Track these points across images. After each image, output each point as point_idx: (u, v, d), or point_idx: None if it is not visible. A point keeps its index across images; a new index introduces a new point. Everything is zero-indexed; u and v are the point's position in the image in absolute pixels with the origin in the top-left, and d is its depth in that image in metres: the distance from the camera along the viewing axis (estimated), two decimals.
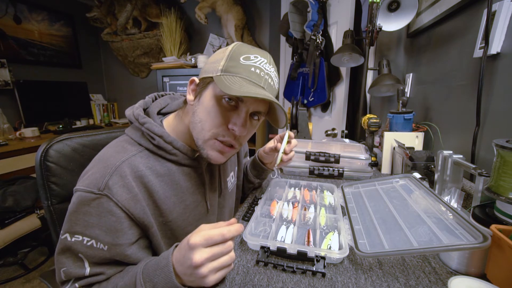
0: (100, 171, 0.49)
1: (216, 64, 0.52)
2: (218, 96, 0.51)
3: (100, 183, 0.47)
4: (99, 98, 3.25)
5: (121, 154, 0.52)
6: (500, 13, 0.68)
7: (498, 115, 0.72)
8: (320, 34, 1.84)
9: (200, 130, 0.53)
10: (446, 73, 0.97)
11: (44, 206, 0.64)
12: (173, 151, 0.55)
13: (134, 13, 2.71)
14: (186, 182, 0.59)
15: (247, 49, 0.53)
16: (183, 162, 0.58)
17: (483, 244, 0.39)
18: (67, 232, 0.48)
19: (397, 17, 1.21)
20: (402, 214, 0.58)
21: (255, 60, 0.52)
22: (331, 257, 0.50)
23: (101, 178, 0.48)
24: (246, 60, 0.51)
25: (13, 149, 1.92)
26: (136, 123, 0.55)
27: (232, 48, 0.53)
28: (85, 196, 0.47)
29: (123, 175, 0.49)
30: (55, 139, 0.65)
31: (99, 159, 0.53)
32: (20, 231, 1.63)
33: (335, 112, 2.09)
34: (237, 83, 0.48)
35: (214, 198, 0.68)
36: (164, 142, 0.54)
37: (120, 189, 0.48)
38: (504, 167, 0.44)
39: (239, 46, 0.53)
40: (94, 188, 0.47)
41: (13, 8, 2.42)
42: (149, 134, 0.54)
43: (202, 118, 0.53)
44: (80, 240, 0.47)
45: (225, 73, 0.50)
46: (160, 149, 0.55)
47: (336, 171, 0.97)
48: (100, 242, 0.47)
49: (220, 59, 0.52)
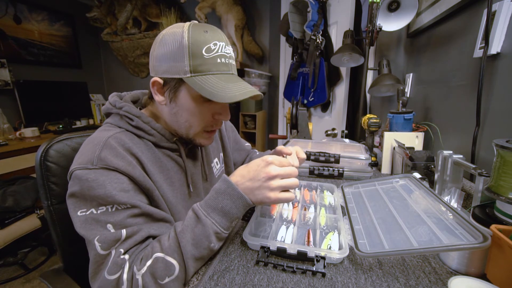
0: (89, 150, 0.50)
1: (179, 63, 0.50)
2: (196, 96, 0.53)
3: (92, 158, 0.48)
4: (99, 98, 3.25)
5: (104, 133, 0.53)
6: (500, 13, 0.68)
7: (498, 115, 0.72)
8: (320, 34, 1.84)
9: (189, 128, 0.57)
10: (446, 73, 0.97)
11: (44, 206, 0.64)
12: (151, 131, 0.57)
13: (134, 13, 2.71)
14: (169, 161, 0.60)
15: (203, 37, 0.51)
16: (162, 144, 0.59)
17: (483, 244, 0.39)
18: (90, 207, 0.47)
19: (397, 17, 1.21)
20: (402, 214, 0.58)
21: (216, 48, 0.51)
22: (331, 257, 0.50)
23: (91, 154, 0.49)
24: (208, 52, 0.51)
25: (13, 149, 1.93)
26: (114, 109, 0.57)
27: (188, 40, 0.49)
28: (82, 172, 0.47)
29: (113, 147, 0.50)
30: (55, 139, 0.65)
31: (84, 144, 0.54)
32: (20, 231, 1.63)
33: (335, 112, 2.09)
34: (216, 84, 0.50)
35: (199, 182, 0.69)
36: (142, 122, 0.56)
37: (114, 158, 0.49)
38: (504, 167, 0.44)
39: (193, 33, 0.50)
40: (88, 164, 0.48)
41: (13, 8, 2.42)
42: (128, 116, 0.56)
43: (188, 118, 0.56)
44: (104, 210, 0.46)
45: (195, 73, 0.50)
46: (139, 129, 0.56)
47: (336, 171, 0.97)
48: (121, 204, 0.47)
49: (180, 56, 0.50)
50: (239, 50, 2.65)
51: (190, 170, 0.65)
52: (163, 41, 0.52)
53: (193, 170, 0.67)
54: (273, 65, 2.76)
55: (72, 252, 0.68)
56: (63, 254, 0.67)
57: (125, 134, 0.55)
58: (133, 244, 0.47)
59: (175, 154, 0.62)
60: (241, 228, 0.63)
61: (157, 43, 0.53)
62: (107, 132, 0.53)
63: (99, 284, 0.45)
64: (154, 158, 0.57)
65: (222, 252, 0.53)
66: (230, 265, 0.50)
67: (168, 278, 0.44)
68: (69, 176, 0.50)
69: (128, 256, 0.46)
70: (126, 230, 0.46)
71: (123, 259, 0.45)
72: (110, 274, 0.44)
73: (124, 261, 0.45)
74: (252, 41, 2.68)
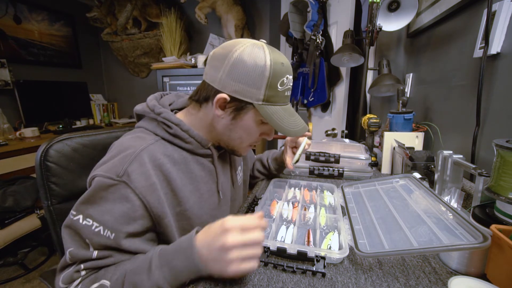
0: (119, 159, 0.50)
1: (255, 90, 0.52)
2: (259, 121, 0.58)
3: (119, 170, 0.48)
4: (99, 98, 3.25)
5: (139, 143, 0.53)
6: (500, 13, 0.68)
7: (498, 115, 0.72)
8: (320, 34, 1.84)
9: (239, 143, 0.61)
10: (446, 73, 0.97)
11: (44, 206, 0.64)
12: (189, 139, 0.58)
13: (134, 13, 2.71)
14: (200, 171, 0.61)
15: (280, 70, 0.53)
16: (197, 151, 0.60)
17: (483, 244, 0.39)
18: (80, 214, 0.48)
19: (397, 17, 1.21)
20: (402, 214, 0.58)
21: (287, 82, 0.56)
22: (331, 257, 0.50)
23: (120, 165, 0.49)
24: (282, 85, 0.55)
25: (13, 149, 1.92)
26: (152, 114, 0.58)
27: (270, 71, 0.51)
28: (103, 181, 0.47)
29: (142, 163, 0.50)
30: (55, 139, 0.65)
31: (117, 149, 0.53)
32: (20, 231, 1.63)
33: (335, 112, 2.09)
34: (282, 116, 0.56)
35: (227, 188, 0.71)
36: (181, 131, 0.57)
37: (139, 176, 0.49)
38: (504, 167, 0.44)
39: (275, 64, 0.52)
40: (113, 175, 0.48)
41: (13, 8, 2.41)
42: (166, 123, 0.56)
43: (242, 136, 0.59)
44: (89, 225, 0.47)
45: (266, 103, 0.54)
46: (176, 137, 0.57)
47: (336, 171, 0.97)
48: (108, 230, 0.47)
49: (259, 84, 0.52)
50: None
51: (220, 177, 0.66)
52: (242, 60, 0.51)
53: (223, 178, 0.68)
54: None
55: None
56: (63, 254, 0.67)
57: (160, 145, 0.55)
58: (97, 266, 0.48)
59: (207, 160, 0.63)
60: None
61: (233, 59, 0.52)
62: (142, 141, 0.54)
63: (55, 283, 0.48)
64: (186, 169, 0.58)
65: None
66: None
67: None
68: (91, 179, 0.50)
69: (85, 273, 0.47)
70: (98, 253, 0.47)
71: (78, 275, 0.47)
72: (63, 282, 0.47)
73: (79, 276, 0.47)
74: None
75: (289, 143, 0.86)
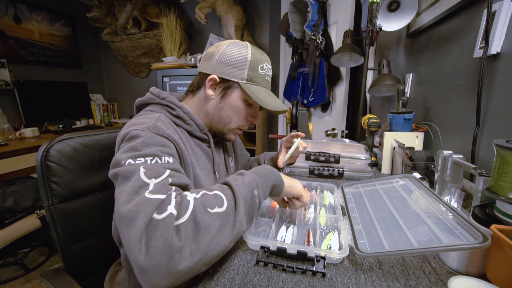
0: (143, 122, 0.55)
1: (240, 71, 0.63)
2: (244, 99, 0.66)
3: (149, 126, 0.54)
4: (99, 98, 3.25)
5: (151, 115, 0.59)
6: (500, 13, 0.68)
7: (498, 115, 0.72)
8: (320, 34, 1.84)
9: (228, 123, 0.68)
10: (446, 73, 0.97)
11: (44, 206, 0.64)
12: (189, 121, 0.65)
13: (134, 13, 2.71)
14: (199, 151, 0.68)
15: (260, 58, 0.65)
16: (196, 134, 0.67)
17: (483, 244, 0.39)
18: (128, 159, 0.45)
19: (397, 17, 1.21)
20: (402, 214, 0.58)
21: (266, 69, 0.67)
22: (331, 257, 0.50)
23: (147, 123, 0.54)
24: (262, 70, 0.65)
25: (13, 149, 1.92)
26: (157, 99, 0.65)
27: (251, 57, 0.63)
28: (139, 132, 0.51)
29: (165, 122, 0.58)
30: (56, 138, 0.65)
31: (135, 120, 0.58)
32: (20, 231, 1.62)
33: (335, 112, 2.09)
34: (263, 94, 0.65)
35: (223, 171, 0.78)
36: (182, 113, 0.64)
37: (166, 128, 0.56)
38: (504, 167, 0.44)
39: (255, 53, 0.64)
40: (144, 129, 0.53)
41: (13, 8, 2.42)
42: (170, 106, 0.64)
43: (230, 114, 0.67)
44: (143, 161, 0.46)
45: (249, 82, 0.64)
46: (178, 118, 0.64)
47: (336, 171, 0.97)
48: (163, 157, 0.48)
49: (242, 66, 0.63)
50: None
51: (216, 159, 0.73)
52: (229, 50, 0.64)
53: (218, 160, 0.75)
54: (273, 65, 2.76)
55: (72, 251, 0.68)
56: (63, 253, 0.67)
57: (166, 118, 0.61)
58: (177, 182, 0.45)
59: (204, 144, 0.70)
60: None
61: (221, 50, 0.64)
62: (153, 114, 0.60)
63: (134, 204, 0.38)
64: (188, 144, 0.64)
65: None
66: (230, 265, 0.50)
67: (218, 208, 0.41)
68: (122, 138, 0.52)
69: (174, 189, 0.43)
70: (169, 171, 0.46)
71: (170, 188, 0.43)
72: (154, 193, 0.40)
73: (171, 188, 0.43)
74: (252, 41, 2.68)
75: (284, 143, 0.90)
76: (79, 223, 0.69)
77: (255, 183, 0.49)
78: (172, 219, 0.37)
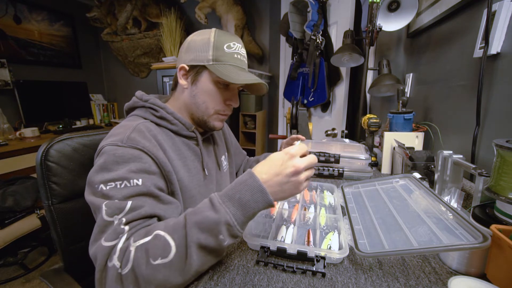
0: (120, 132, 0.55)
1: (204, 53, 0.61)
2: (215, 81, 0.63)
3: (123, 138, 0.53)
4: (99, 98, 3.25)
5: (131, 123, 0.59)
6: (500, 13, 0.68)
7: (498, 115, 0.72)
8: (320, 34, 1.84)
9: (205, 109, 0.65)
10: (446, 73, 0.97)
11: (44, 206, 0.64)
12: (174, 121, 0.64)
13: (134, 13, 2.71)
14: (187, 151, 0.66)
15: (226, 38, 0.63)
16: (182, 133, 0.66)
17: (483, 244, 0.39)
18: (100, 184, 0.48)
19: (397, 17, 1.21)
20: (402, 214, 0.58)
21: (234, 47, 0.63)
22: (331, 257, 0.50)
23: (122, 135, 0.54)
24: (228, 48, 0.62)
25: (13, 149, 1.92)
26: (140, 102, 0.64)
27: (214, 38, 0.62)
28: (112, 148, 0.51)
29: (141, 131, 0.56)
30: (56, 139, 0.65)
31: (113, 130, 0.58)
32: (20, 231, 1.62)
33: (335, 112, 2.09)
34: (232, 71, 0.61)
35: (213, 168, 0.75)
36: (166, 113, 0.63)
37: (141, 139, 0.54)
38: (504, 167, 0.44)
39: (219, 34, 0.63)
40: (118, 142, 0.52)
41: (13, 8, 2.42)
42: (153, 108, 0.63)
43: (205, 99, 0.64)
44: (113, 186, 0.47)
45: (216, 62, 0.61)
46: (162, 119, 0.63)
47: (336, 171, 0.97)
48: (132, 179, 0.49)
49: (206, 48, 0.61)
50: None
51: (205, 156, 0.71)
52: (193, 38, 0.64)
53: (207, 158, 0.73)
54: (273, 65, 2.76)
55: (72, 251, 0.68)
56: (63, 253, 0.67)
57: (150, 124, 0.61)
58: (137, 217, 0.46)
59: (192, 142, 0.68)
60: None
61: (188, 40, 0.65)
62: (135, 121, 0.60)
63: (95, 249, 0.44)
64: (174, 146, 0.63)
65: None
66: (230, 265, 0.50)
67: (161, 260, 0.40)
68: (98, 152, 0.54)
69: (128, 228, 0.45)
70: (131, 202, 0.46)
71: (123, 229, 0.44)
72: (107, 240, 0.43)
73: (123, 231, 0.44)
74: (252, 41, 2.68)
75: (284, 146, 0.88)
76: (79, 223, 0.68)
77: (224, 221, 0.42)
78: (114, 271, 0.41)
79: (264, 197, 0.44)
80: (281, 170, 0.45)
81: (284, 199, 0.48)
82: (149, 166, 0.52)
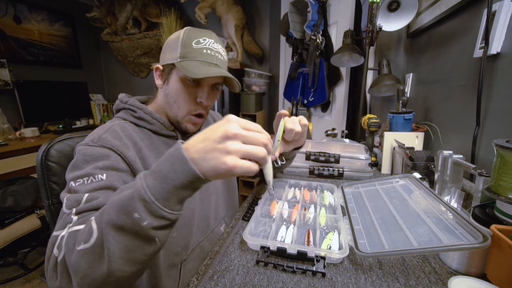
0: (95, 133, 0.58)
1: (174, 52, 0.62)
2: (183, 79, 0.63)
3: (95, 138, 0.56)
4: (99, 98, 3.25)
5: (110, 124, 0.62)
6: (500, 13, 0.68)
7: (498, 115, 0.72)
8: (320, 34, 1.84)
9: (177, 109, 0.66)
10: (446, 73, 0.97)
11: (44, 206, 0.64)
12: (152, 120, 0.65)
13: (134, 13, 2.71)
14: (166, 149, 0.65)
15: (196, 34, 0.63)
16: (161, 132, 0.67)
17: (483, 244, 0.39)
18: (70, 181, 0.50)
19: (397, 17, 1.21)
20: (402, 214, 0.58)
21: (204, 42, 0.63)
22: (331, 257, 0.50)
23: (96, 135, 0.57)
24: (197, 44, 0.62)
25: (13, 149, 1.92)
26: (121, 105, 0.67)
27: (183, 35, 0.62)
28: (82, 148, 0.54)
29: (114, 131, 0.59)
30: (56, 138, 0.65)
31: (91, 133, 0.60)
32: (20, 231, 1.63)
33: (335, 112, 2.09)
34: (196, 66, 0.59)
35: None
36: (144, 113, 0.65)
37: (112, 139, 0.57)
38: (504, 167, 0.44)
39: (188, 32, 0.63)
40: (89, 142, 0.55)
41: (13, 8, 2.42)
42: (131, 109, 0.65)
43: (176, 99, 0.65)
44: (81, 182, 0.49)
45: (183, 59, 0.61)
46: (141, 119, 0.65)
47: (336, 171, 0.97)
48: (97, 175, 0.50)
49: (175, 47, 0.62)
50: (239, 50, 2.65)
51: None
52: (168, 39, 0.65)
53: None
54: (273, 65, 2.76)
55: None
56: None
57: (128, 124, 0.63)
58: (89, 208, 0.45)
59: (172, 141, 0.69)
60: (241, 228, 0.63)
61: (165, 44, 0.66)
62: (113, 122, 0.62)
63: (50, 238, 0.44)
64: (152, 145, 0.65)
65: (222, 252, 0.54)
66: (230, 265, 0.50)
67: (83, 244, 0.37)
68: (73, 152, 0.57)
69: (77, 218, 0.44)
70: (88, 195, 0.47)
71: (71, 219, 0.44)
72: (55, 230, 0.44)
73: (71, 220, 0.44)
74: (252, 41, 2.68)
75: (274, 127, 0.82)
76: None
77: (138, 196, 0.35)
78: (54, 259, 0.41)
79: (183, 165, 0.35)
80: (210, 134, 0.36)
81: (212, 172, 0.36)
82: (117, 163, 0.54)
